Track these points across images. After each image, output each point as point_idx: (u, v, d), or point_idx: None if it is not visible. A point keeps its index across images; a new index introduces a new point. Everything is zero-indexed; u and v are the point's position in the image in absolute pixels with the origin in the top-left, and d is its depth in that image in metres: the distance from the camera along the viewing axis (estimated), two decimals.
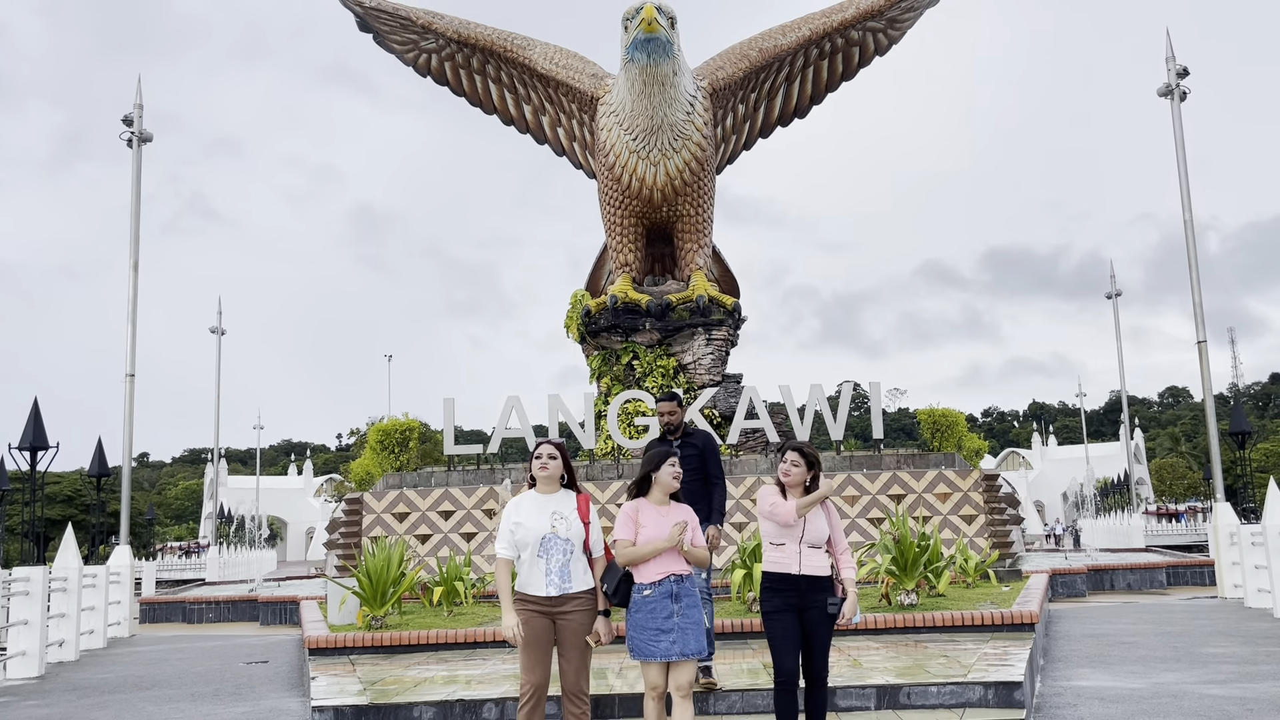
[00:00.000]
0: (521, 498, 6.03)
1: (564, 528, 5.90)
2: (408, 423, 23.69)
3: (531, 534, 5.83)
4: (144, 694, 10.28)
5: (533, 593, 5.82)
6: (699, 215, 24.60)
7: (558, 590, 5.81)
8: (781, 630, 5.88)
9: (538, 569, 5.83)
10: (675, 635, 5.83)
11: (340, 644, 10.03)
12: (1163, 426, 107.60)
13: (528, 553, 5.85)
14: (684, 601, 5.90)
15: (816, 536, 6.02)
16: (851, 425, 27.76)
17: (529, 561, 5.85)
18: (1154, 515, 58.30)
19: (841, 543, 6.14)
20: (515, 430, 22.08)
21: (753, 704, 7.04)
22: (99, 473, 18.11)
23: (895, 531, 11.32)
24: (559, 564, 5.85)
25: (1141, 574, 20.70)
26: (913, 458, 21.77)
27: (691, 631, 5.84)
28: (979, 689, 6.95)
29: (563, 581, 5.83)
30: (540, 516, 5.89)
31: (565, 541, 5.88)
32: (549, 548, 5.85)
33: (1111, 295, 39.81)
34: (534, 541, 5.83)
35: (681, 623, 5.85)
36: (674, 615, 5.87)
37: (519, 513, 5.93)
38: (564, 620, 5.80)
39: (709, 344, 24.54)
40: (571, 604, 5.83)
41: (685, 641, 5.82)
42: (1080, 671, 9.38)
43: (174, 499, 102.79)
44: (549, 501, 5.98)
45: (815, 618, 5.89)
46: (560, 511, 5.95)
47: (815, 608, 5.88)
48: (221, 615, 20.45)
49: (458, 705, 6.97)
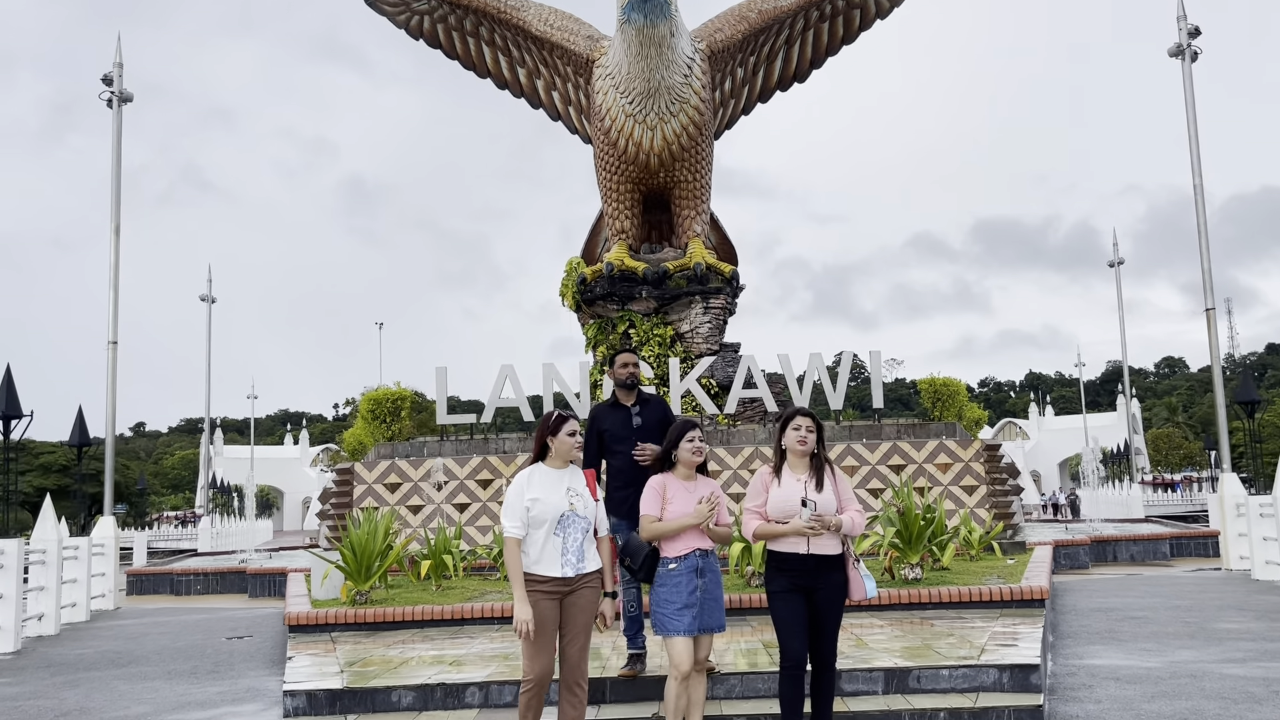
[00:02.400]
0: (531, 472, 5.62)
1: (581, 505, 5.55)
2: (399, 392, 23.26)
3: (550, 510, 5.44)
4: (119, 671, 9.91)
5: (546, 573, 5.43)
6: (697, 181, 24.07)
7: (574, 570, 5.46)
8: (789, 612, 5.48)
9: (553, 548, 5.45)
10: (698, 610, 5.63)
11: (322, 620, 9.63)
12: (1159, 397, 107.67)
13: (542, 531, 5.45)
14: (708, 577, 5.69)
15: (823, 509, 5.58)
16: (850, 395, 27.37)
17: (543, 540, 5.46)
18: (1150, 485, 58.22)
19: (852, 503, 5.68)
20: (509, 400, 21.68)
21: (754, 688, 6.61)
22: (80, 442, 17.68)
23: (899, 503, 10.93)
24: (576, 543, 5.50)
25: (1145, 545, 20.39)
26: (913, 428, 21.39)
27: (712, 607, 5.66)
28: (993, 672, 6.55)
29: (579, 561, 5.49)
30: (557, 492, 5.51)
31: (582, 519, 5.54)
32: (567, 526, 5.48)
33: (1114, 264, 39.33)
34: (551, 519, 5.45)
35: (704, 598, 5.65)
36: (698, 590, 5.65)
37: (533, 487, 5.52)
38: (573, 601, 5.45)
39: (706, 312, 24.09)
40: (581, 583, 5.48)
41: (707, 617, 5.64)
42: (1092, 649, 9.01)
43: (170, 468, 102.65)
44: (563, 477, 5.61)
45: (825, 600, 5.51)
46: (574, 488, 5.59)
47: (825, 589, 5.49)
48: (210, 587, 20.11)
49: (439, 689, 6.57)
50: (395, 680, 6.72)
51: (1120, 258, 39.01)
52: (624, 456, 6.88)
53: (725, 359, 23.43)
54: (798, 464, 5.66)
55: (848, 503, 5.64)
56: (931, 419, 23.49)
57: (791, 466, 5.66)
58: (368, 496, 20.27)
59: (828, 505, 5.53)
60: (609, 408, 7.12)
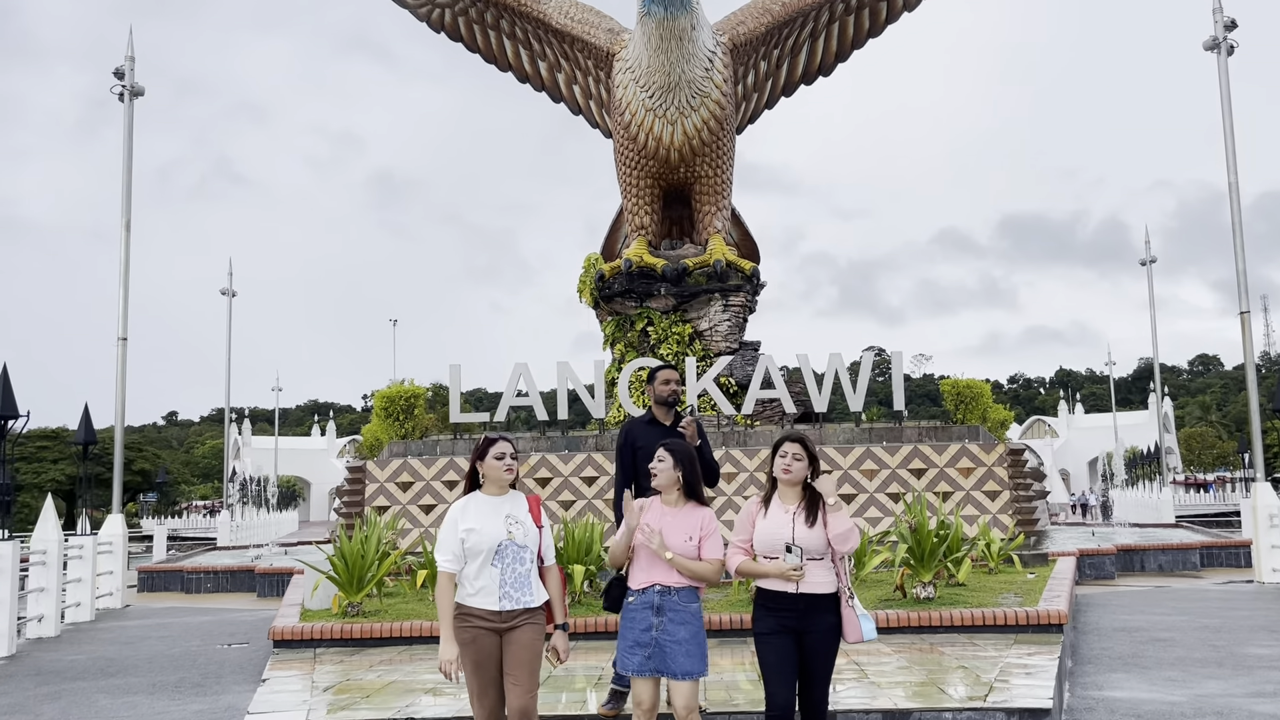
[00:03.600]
0: (468, 501, 5.25)
1: (520, 533, 5.14)
2: (412, 389, 22.97)
3: (485, 540, 5.06)
4: (104, 682, 9.66)
5: (483, 606, 5.06)
6: (718, 176, 23.64)
7: (513, 604, 5.06)
8: (776, 656, 5.03)
9: (489, 580, 5.06)
10: (652, 652, 5.15)
11: (307, 635, 9.31)
12: (1192, 395, 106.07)
13: (477, 562, 5.08)
14: (667, 616, 5.17)
15: (815, 546, 5.12)
16: (875, 391, 26.86)
17: (477, 572, 5.08)
18: (1182, 485, 57.20)
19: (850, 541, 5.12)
20: (524, 399, 21.35)
21: None
22: (85, 440, 17.49)
23: (912, 519, 10.48)
24: (515, 574, 5.09)
25: (1174, 555, 19.77)
26: (935, 430, 20.87)
27: (673, 651, 5.12)
28: (1000, 716, 6.05)
29: (519, 594, 5.08)
30: (494, 521, 5.12)
31: (522, 549, 5.13)
32: (505, 556, 5.08)
33: (1146, 262, 38.43)
34: (488, 549, 5.06)
35: (661, 638, 5.14)
36: (652, 629, 5.17)
37: (468, 517, 5.14)
38: (513, 638, 5.05)
39: (726, 310, 23.66)
40: (522, 618, 5.08)
41: (662, 660, 5.12)
42: (1113, 678, 8.55)
43: (201, 457, 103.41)
44: (501, 504, 5.21)
45: (815, 643, 5.05)
46: (515, 515, 5.18)
47: (815, 631, 5.03)
48: (220, 585, 19.93)
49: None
50: (363, 713, 6.35)
51: (1153, 256, 38.12)
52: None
53: (744, 358, 23.00)
54: (787, 494, 5.23)
55: (839, 542, 5.12)
56: (954, 421, 22.95)
57: (781, 496, 5.23)
58: (379, 495, 20.02)
59: (814, 545, 5.08)
60: (645, 424, 6.78)
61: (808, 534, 5.09)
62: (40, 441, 72.72)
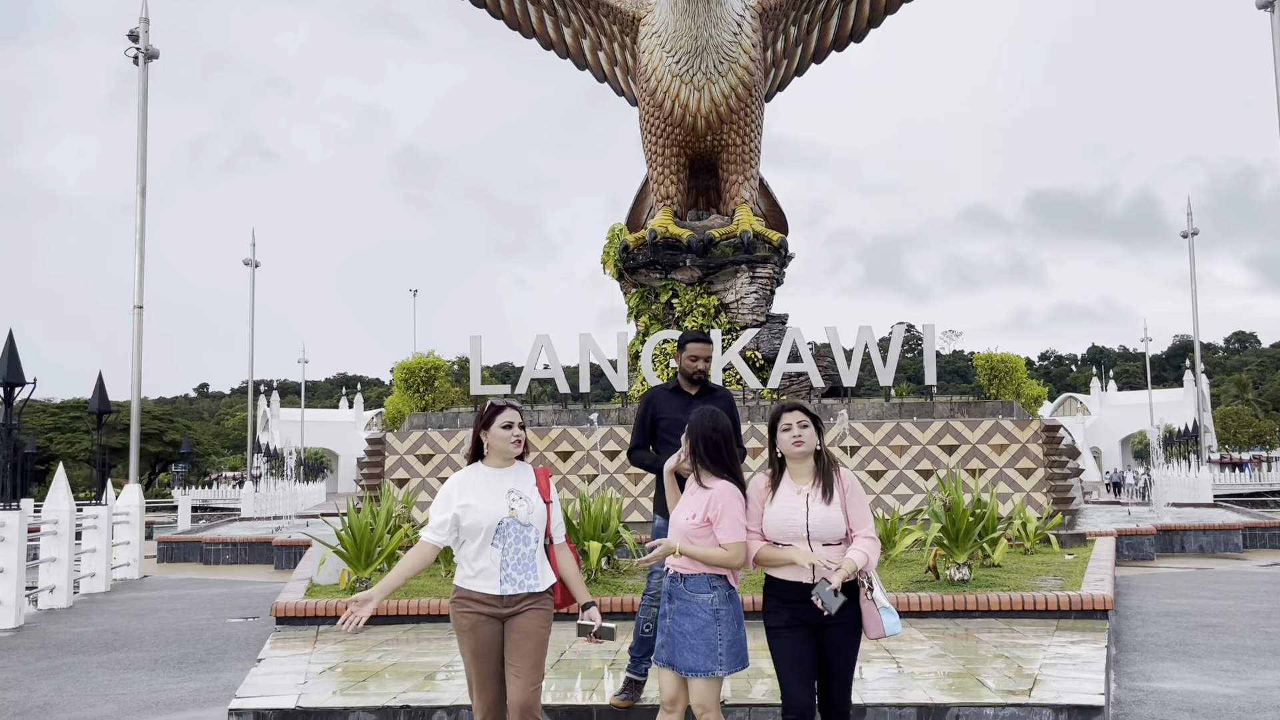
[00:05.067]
0: (467, 473, 4.78)
1: (524, 510, 4.68)
2: (432, 360, 22.62)
3: (485, 518, 4.61)
4: (107, 657, 9.37)
5: (482, 590, 4.62)
6: (745, 144, 23.04)
7: (516, 588, 4.61)
8: (791, 652, 4.50)
9: (489, 561, 4.62)
10: (664, 640, 4.71)
11: (310, 612, 8.95)
12: (1228, 373, 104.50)
13: (477, 541, 4.63)
14: (675, 604, 4.69)
15: (829, 530, 4.54)
16: (904, 368, 26.29)
17: (477, 552, 4.63)
18: (1218, 464, 56.25)
19: (864, 525, 4.61)
20: (545, 371, 20.97)
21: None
22: (99, 409, 17.28)
23: (946, 497, 9.98)
24: (519, 555, 4.64)
25: (1215, 536, 19.13)
26: (967, 406, 20.30)
27: (679, 643, 4.62)
28: (1047, 714, 5.56)
29: (523, 576, 4.63)
30: (495, 497, 4.66)
31: (526, 528, 4.67)
32: (506, 535, 4.63)
33: (1187, 234, 37.41)
34: (487, 527, 4.61)
35: (671, 628, 4.67)
36: (665, 617, 4.73)
37: (465, 492, 4.68)
38: (515, 624, 4.61)
39: (753, 282, 23.11)
40: (525, 603, 4.64)
41: (672, 651, 4.65)
42: (1161, 667, 8.04)
43: (232, 429, 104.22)
44: (504, 478, 4.74)
45: (834, 639, 4.50)
46: (519, 490, 4.72)
47: (834, 625, 4.47)
48: (238, 557, 19.70)
49: (402, 713, 5.77)
50: (355, 700, 5.96)
51: (1194, 228, 37.10)
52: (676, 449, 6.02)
53: (771, 330, 22.46)
54: (799, 469, 4.67)
55: (859, 523, 4.58)
56: (987, 397, 22.36)
57: (792, 474, 4.67)
58: (399, 467, 19.72)
59: (832, 529, 4.55)
60: (669, 393, 6.22)
61: (825, 515, 4.55)
62: (74, 412, 73.32)
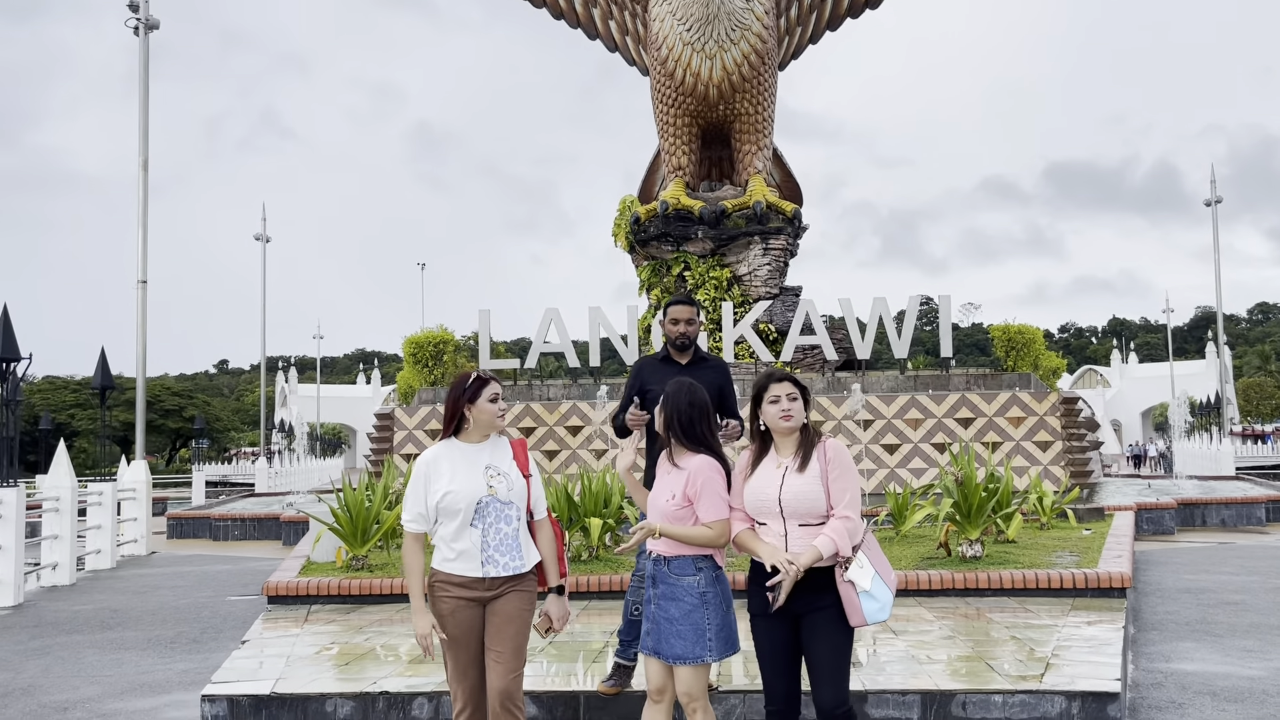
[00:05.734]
0: (440, 450, 4.47)
1: (504, 487, 4.39)
2: (441, 335, 22.37)
3: (462, 498, 4.32)
4: (100, 636, 9.21)
5: (462, 573, 4.35)
6: (759, 114, 22.60)
7: (498, 569, 4.33)
8: (769, 642, 4.17)
9: (469, 542, 4.34)
10: (649, 627, 4.41)
11: (303, 591, 8.72)
12: (1250, 344, 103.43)
13: (455, 522, 4.34)
14: (660, 589, 4.38)
15: (804, 506, 4.13)
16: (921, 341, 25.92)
17: (455, 534, 4.35)
18: (1240, 437, 55.61)
19: (843, 503, 4.12)
20: (554, 345, 20.72)
21: (756, 708, 5.35)
22: (102, 385, 17.12)
23: (959, 471, 9.67)
24: (500, 536, 4.36)
25: (1237, 509, 18.75)
26: (984, 378, 19.94)
27: (665, 629, 4.31)
28: (1059, 701, 5.26)
29: (506, 557, 4.35)
30: (472, 474, 4.38)
31: (507, 505, 4.38)
32: (486, 514, 4.35)
33: (1211, 202, 36.65)
34: (465, 507, 4.32)
35: (656, 614, 4.37)
36: (650, 603, 4.43)
37: (440, 470, 4.40)
38: (497, 608, 4.35)
39: (766, 254, 22.71)
40: (508, 585, 4.37)
41: (658, 638, 4.34)
42: (1181, 647, 7.74)
43: (251, 405, 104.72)
44: (479, 454, 4.45)
45: (815, 627, 4.10)
46: (496, 465, 4.43)
47: (815, 611, 4.09)
48: (247, 533, 19.59)
49: (381, 699, 5.51)
50: (334, 685, 5.69)
51: (1218, 196, 36.32)
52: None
53: (785, 303, 22.10)
54: (784, 444, 4.29)
55: (838, 499, 4.14)
56: (1005, 369, 21.97)
57: (777, 448, 4.32)
58: (408, 443, 19.54)
59: (808, 504, 4.15)
60: (657, 362, 5.85)
61: (799, 490, 4.14)
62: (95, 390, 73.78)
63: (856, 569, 4.07)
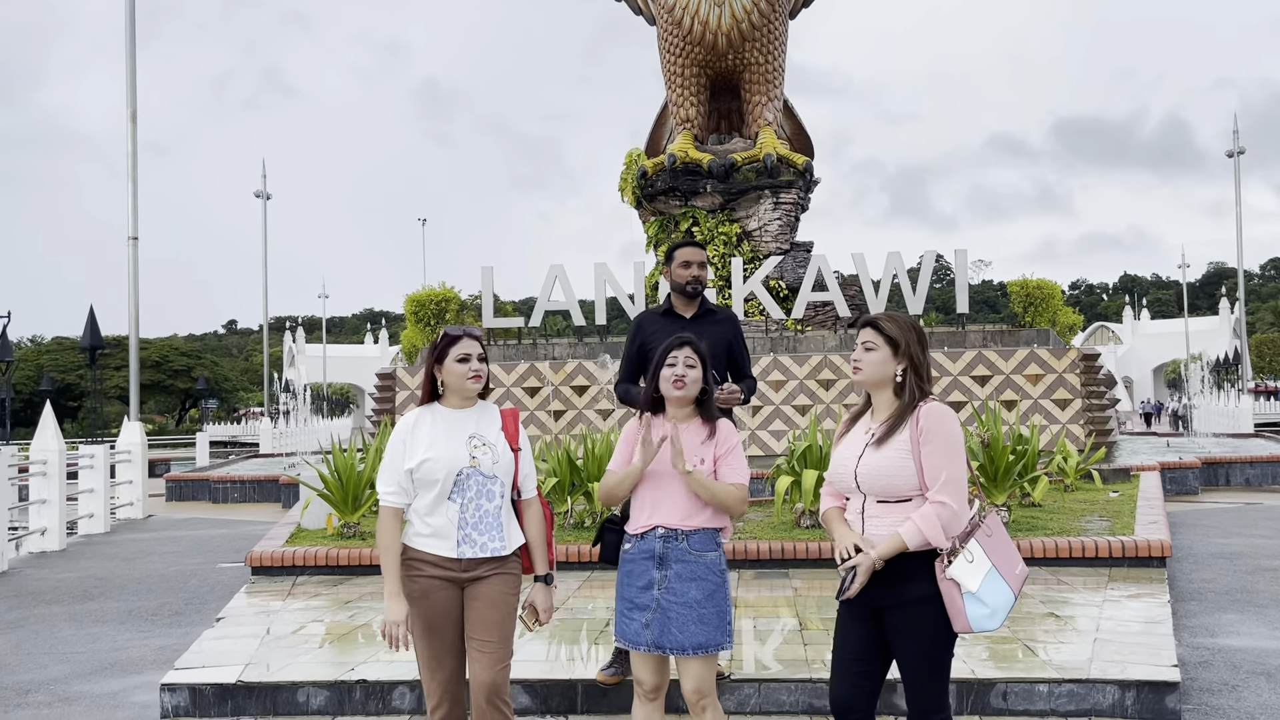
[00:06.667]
0: (419, 415, 3.95)
1: (488, 459, 3.87)
2: (444, 292, 21.81)
3: (440, 468, 3.80)
4: (79, 607, 8.78)
5: (437, 552, 3.83)
6: (769, 64, 21.85)
7: (476, 550, 3.81)
8: (840, 635, 3.57)
9: (446, 518, 3.83)
10: (653, 617, 3.80)
11: (288, 562, 8.24)
12: (1263, 300, 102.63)
13: (432, 494, 3.83)
14: (673, 569, 3.82)
15: (881, 484, 3.46)
16: (932, 298, 25.30)
17: (430, 507, 3.84)
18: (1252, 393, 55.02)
19: (938, 482, 3.38)
20: (559, 303, 20.17)
21: (775, 699, 4.88)
22: (91, 344, 16.63)
23: (985, 433, 9.14)
24: (481, 512, 3.84)
25: (1263, 468, 18.21)
26: (1001, 335, 19.37)
27: (679, 616, 3.77)
28: (1111, 691, 4.73)
29: (485, 537, 3.83)
30: (453, 443, 3.86)
31: (490, 480, 3.86)
32: (465, 489, 3.83)
33: (1233, 153, 35.67)
34: (443, 478, 3.81)
35: (664, 599, 3.80)
36: (654, 587, 3.83)
37: (419, 437, 3.88)
38: (477, 592, 3.84)
39: (776, 208, 22.05)
40: (488, 568, 3.87)
41: (664, 631, 3.77)
42: (1224, 620, 7.24)
43: (259, 365, 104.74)
44: (464, 421, 3.93)
45: (893, 625, 3.43)
46: (481, 435, 3.91)
47: (899, 607, 3.42)
48: (247, 495, 19.19)
49: (358, 687, 5.02)
50: (308, 671, 5.16)
51: (1240, 147, 35.33)
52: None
53: (796, 258, 21.49)
54: (880, 404, 3.62)
55: (933, 478, 3.41)
56: (1022, 325, 21.37)
57: (874, 410, 3.64)
58: (410, 403, 19.06)
59: (886, 481, 3.46)
60: (659, 316, 5.31)
61: (875, 464, 3.48)
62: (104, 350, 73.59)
63: (964, 564, 3.34)
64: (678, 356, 3.93)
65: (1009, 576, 3.37)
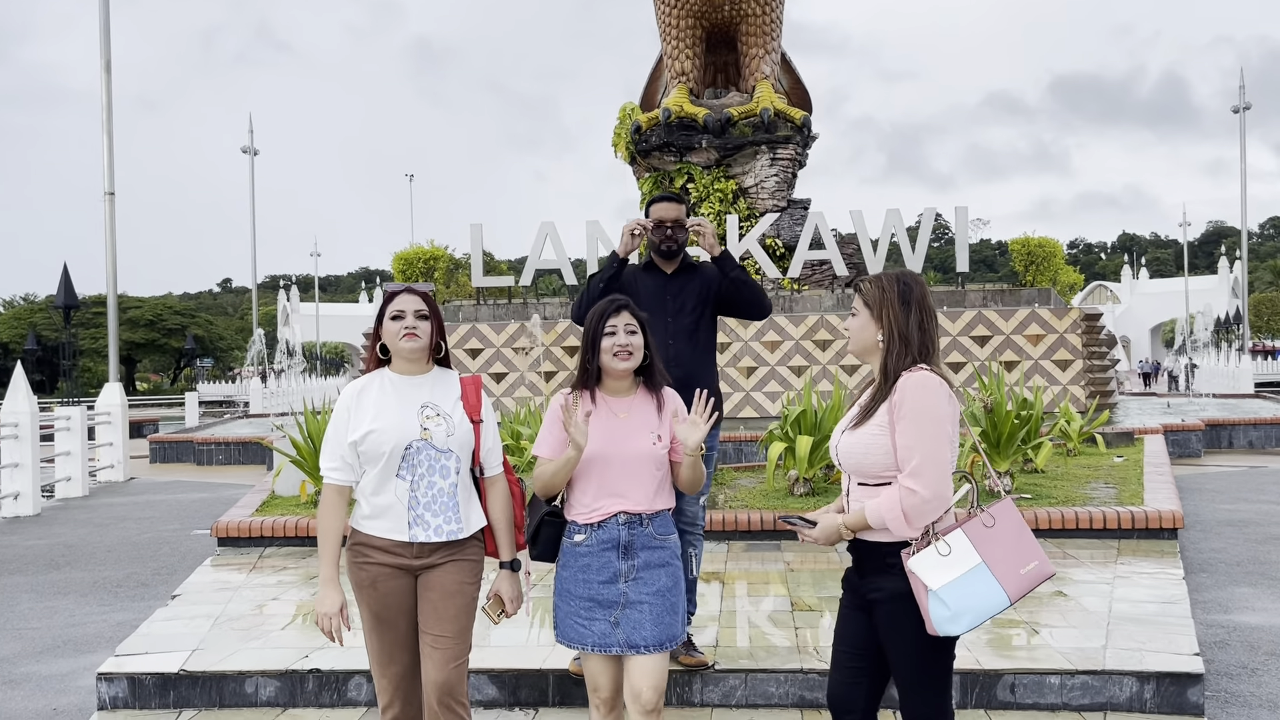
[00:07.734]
0: (366, 382, 3.52)
1: (442, 431, 3.44)
2: (432, 250, 21.32)
3: (387, 439, 3.37)
4: (43, 577, 8.43)
5: (385, 535, 3.44)
6: (766, 14, 21.23)
7: (430, 533, 3.40)
8: (838, 631, 3.21)
9: (394, 496, 3.42)
10: (620, 613, 3.38)
11: (255, 532, 7.87)
12: (1262, 259, 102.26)
13: (377, 469, 3.41)
14: (639, 558, 3.41)
15: (860, 463, 3.05)
16: (930, 257, 24.86)
17: (378, 484, 3.42)
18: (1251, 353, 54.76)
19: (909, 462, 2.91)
20: (550, 261, 19.70)
21: (762, 691, 4.51)
22: (65, 304, 16.18)
23: (988, 397, 8.74)
24: (434, 490, 3.42)
25: (1266, 430, 17.87)
26: (1001, 294, 18.94)
27: (650, 610, 3.36)
28: (1129, 683, 4.36)
29: (438, 520, 3.41)
30: (403, 413, 3.43)
31: (444, 454, 3.44)
32: (416, 464, 3.42)
33: (1239, 109, 35.04)
34: (390, 452, 3.38)
35: (633, 594, 3.38)
36: (619, 580, 3.40)
37: (364, 406, 3.45)
38: (431, 581, 3.44)
39: (773, 164, 21.51)
40: (444, 554, 3.48)
41: (637, 626, 3.36)
42: (1238, 594, 6.90)
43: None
44: (416, 388, 3.50)
45: (879, 620, 3.04)
46: (435, 404, 3.48)
47: (882, 602, 3.01)
48: (232, 457, 18.84)
49: (311, 678, 4.63)
50: (258, 658, 4.78)
51: (1247, 102, 34.68)
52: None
53: (793, 216, 20.99)
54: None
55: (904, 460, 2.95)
56: (1023, 284, 20.96)
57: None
58: None
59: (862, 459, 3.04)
60: (639, 272, 4.99)
61: (853, 443, 3.07)
62: (96, 308, 72.99)
63: (932, 557, 2.88)
64: (616, 324, 3.51)
65: (1008, 576, 2.91)
